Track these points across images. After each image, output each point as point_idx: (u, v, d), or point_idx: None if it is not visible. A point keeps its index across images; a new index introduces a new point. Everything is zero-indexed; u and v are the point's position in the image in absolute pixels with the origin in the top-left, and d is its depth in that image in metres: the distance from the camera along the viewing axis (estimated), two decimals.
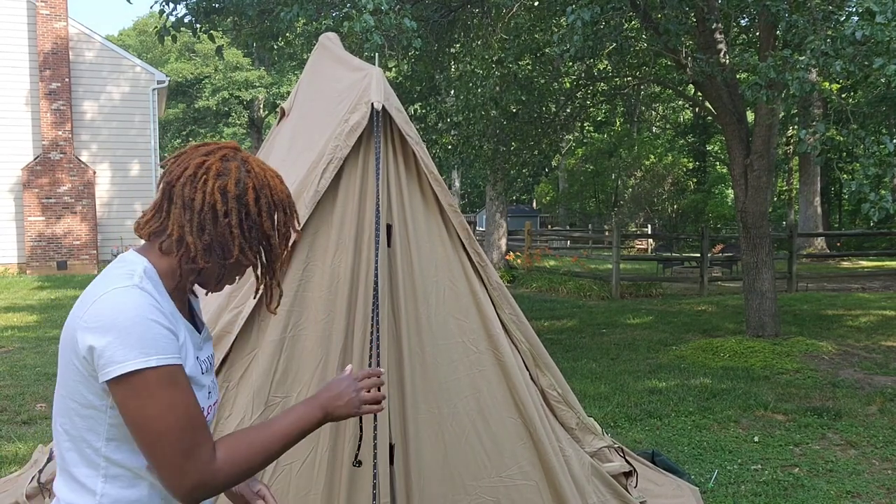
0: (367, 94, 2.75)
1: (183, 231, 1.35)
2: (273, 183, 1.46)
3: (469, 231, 3.01)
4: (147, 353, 1.24)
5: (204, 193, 1.36)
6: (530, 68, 9.04)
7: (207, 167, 1.38)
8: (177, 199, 1.37)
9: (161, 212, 1.39)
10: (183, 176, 1.38)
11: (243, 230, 1.39)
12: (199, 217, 1.35)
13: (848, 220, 29.41)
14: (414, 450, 2.76)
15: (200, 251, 1.36)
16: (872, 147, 5.29)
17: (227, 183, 1.38)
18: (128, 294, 1.28)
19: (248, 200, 1.39)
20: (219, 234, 1.36)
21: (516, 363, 3.03)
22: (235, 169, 1.40)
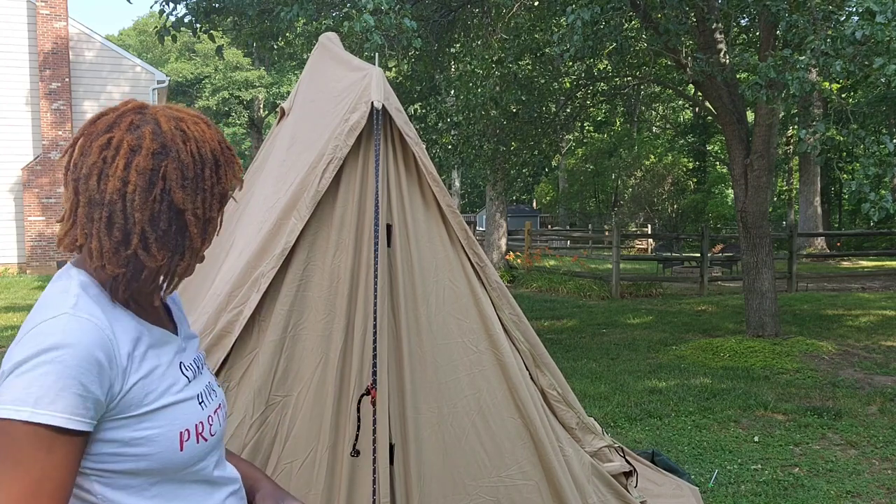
0: (367, 93, 2.75)
1: (88, 233, 1.08)
2: (198, 133, 1.14)
3: (468, 231, 3.01)
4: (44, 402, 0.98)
5: (116, 179, 1.07)
6: (530, 68, 9.04)
7: (116, 145, 1.09)
8: (82, 195, 1.08)
9: (73, 216, 1.10)
10: (86, 165, 1.09)
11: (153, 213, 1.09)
12: (108, 210, 1.07)
13: (848, 219, 29.42)
14: (414, 450, 2.76)
15: (108, 254, 1.08)
16: (872, 147, 5.29)
17: (138, 158, 1.08)
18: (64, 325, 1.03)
19: (168, 170, 1.09)
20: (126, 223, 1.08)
21: (516, 363, 3.03)
22: (149, 135, 1.10)
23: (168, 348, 1.21)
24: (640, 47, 9.15)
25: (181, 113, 1.16)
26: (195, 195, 1.12)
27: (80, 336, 1.03)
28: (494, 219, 16.81)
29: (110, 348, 1.06)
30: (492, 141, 9.24)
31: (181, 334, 1.29)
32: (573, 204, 33.52)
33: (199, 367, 1.30)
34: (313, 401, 2.66)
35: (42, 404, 0.98)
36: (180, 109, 1.18)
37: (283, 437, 2.63)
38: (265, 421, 2.61)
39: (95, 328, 1.06)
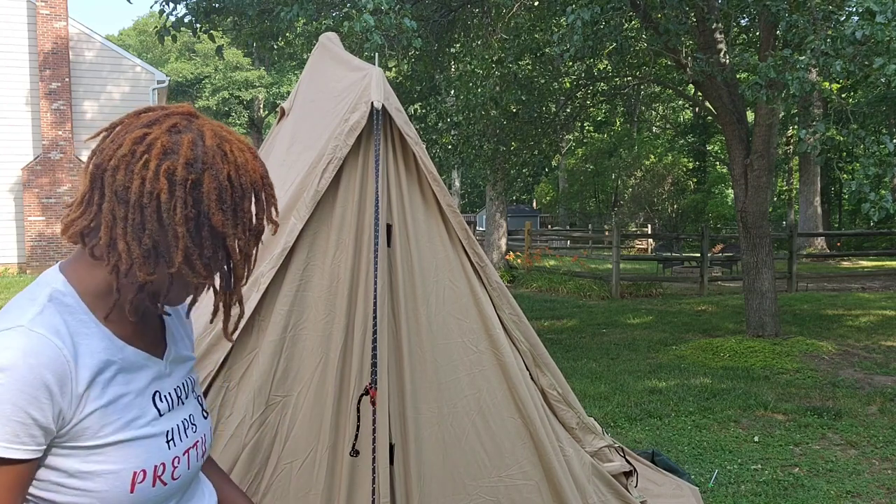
0: (367, 93, 2.75)
1: (113, 232, 1.00)
2: (237, 158, 1.05)
3: (468, 231, 3.01)
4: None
5: (143, 179, 0.99)
6: (530, 68, 9.04)
7: (150, 142, 1.01)
8: (107, 188, 1.00)
9: (91, 205, 1.02)
10: (116, 156, 1.01)
11: (191, 228, 1.00)
12: (136, 212, 0.99)
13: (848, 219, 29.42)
14: (414, 450, 2.76)
15: (139, 260, 0.99)
16: (872, 147, 5.29)
17: (175, 164, 1.00)
18: (15, 341, 0.93)
19: (204, 187, 1.01)
20: (162, 235, 1.00)
21: (516, 363, 3.03)
22: (188, 143, 1.02)
23: (143, 374, 1.08)
24: (640, 47, 9.15)
25: (230, 135, 1.08)
26: (235, 223, 1.04)
27: (29, 356, 0.92)
28: (494, 219, 16.81)
29: (65, 371, 0.96)
30: (492, 141, 9.24)
31: (169, 356, 1.16)
32: (573, 204, 33.52)
33: (184, 395, 1.16)
34: (313, 401, 2.66)
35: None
36: (229, 131, 1.10)
37: (283, 437, 2.63)
38: (265, 421, 2.61)
39: (49, 346, 0.95)
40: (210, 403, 2.64)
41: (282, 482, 2.62)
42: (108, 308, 1.04)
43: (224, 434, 2.57)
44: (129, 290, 1.03)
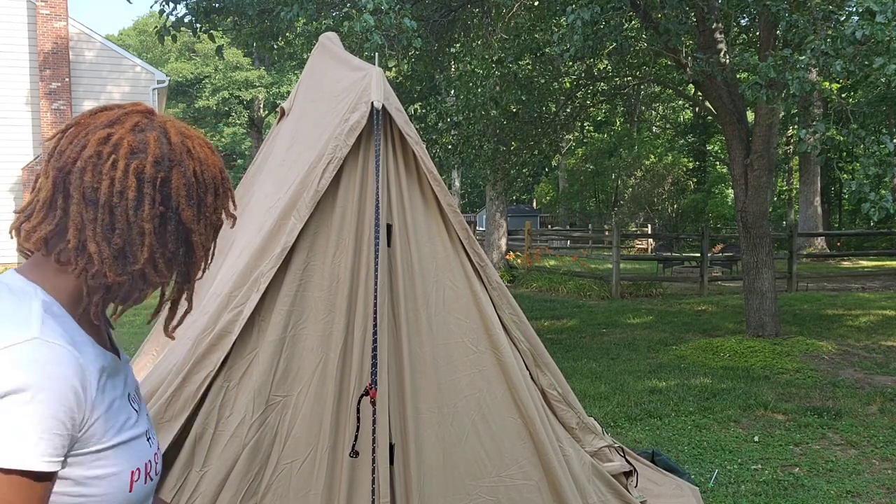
0: (367, 93, 2.75)
1: (83, 234, 0.98)
2: (201, 152, 1.07)
3: (469, 231, 3.01)
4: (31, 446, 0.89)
5: (112, 179, 0.98)
6: (530, 68, 9.04)
7: (116, 142, 1.01)
8: (74, 190, 0.98)
9: (53, 209, 1.00)
10: (81, 158, 0.99)
11: (156, 226, 1.01)
12: (105, 213, 0.99)
13: (848, 219, 29.42)
14: (414, 450, 2.76)
15: (108, 260, 0.99)
16: (872, 147, 5.28)
17: (143, 162, 1.00)
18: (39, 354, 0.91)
19: (173, 183, 1.02)
20: (131, 233, 1.00)
21: (516, 363, 3.02)
22: (155, 142, 1.03)
23: (119, 377, 1.08)
24: (640, 47, 9.14)
25: (189, 131, 1.09)
26: (199, 218, 1.06)
27: (57, 367, 0.92)
28: (494, 218, 16.81)
29: (84, 379, 0.95)
30: (492, 141, 9.23)
31: (124, 357, 1.15)
32: (573, 204, 33.53)
33: (139, 397, 1.16)
34: (313, 401, 2.66)
35: (23, 449, 0.88)
36: (187, 127, 1.10)
37: (283, 437, 2.63)
38: (265, 421, 2.61)
39: (70, 356, 0.94)
40: (210, 403, 2.64)
41: (282, 482, 2.62)
42: (78, 314, 1.02)
43: (224, 434, 2.57)
44: (96, 292, 1.02)
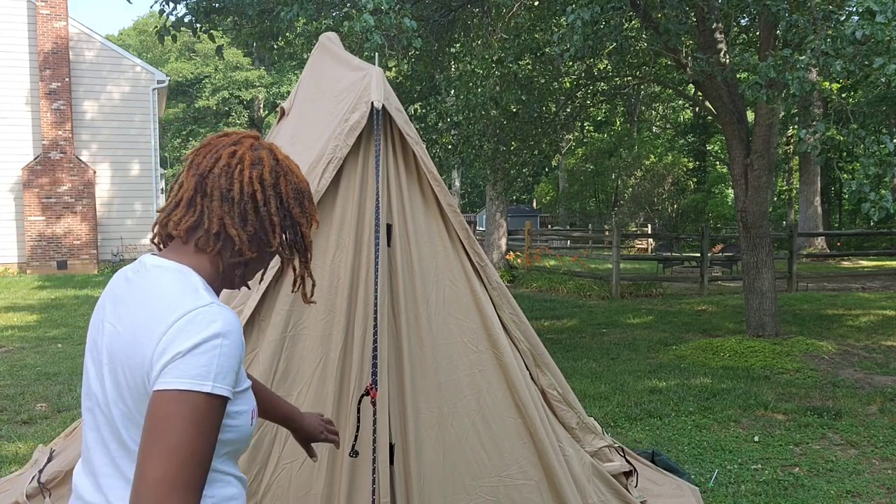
0: (367, 93, 2.75)
1: (223, 223, 1.33)
2: (296, 170, 1.46)
3: (469, 231, 3.01)
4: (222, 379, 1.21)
5: (241, 183, 1.34)
6: (530, 68, 9.04)
7: (241, 156, 1.37)
8: (212, 190, 1.34)
9: (194, 205, 1.34)
10: (216, 167, 1.35)
11: (281, 218, 1.39)
12: (240, 207, 1.34)
13: (848, 219, 29.42)
14: (414, 450, 2.76)
15: (245, 242, 1.35)
16: (872, 147, 5.28)
17: (262, 171, 1.37)
18: (222, 313, 1.25)
19: (282, 188, 1.39)
20: (260, 224, 1.36)
21: (516, 363, 3.02)
22: (267, 157, 1.40)
23: None
24: (640, 47, 9.14)
25: (284, 153, 1.47)
26: (303, 214, 1.44)
27: (234, 324, 1.26)
28: (494, 218, 16.81)
29: (243, 335, 1.30)
30: (492, 141, 9.23)
31: None
32: (573, 204, 33.53)
33: None
34: (313, 401, 2.66)
35: (218, 380, 1.21)
36: (281, 150, 1.47)
37: (283, 437, 2.63)
38: (265, 421, 2.61)
39: (236, 317, 1.28)
40: None
41: (282, 482, 2.62)
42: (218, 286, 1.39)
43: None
44: (232, 268, 1.39)
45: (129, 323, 1.28)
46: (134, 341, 1.26)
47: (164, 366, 1.19)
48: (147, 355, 1.22)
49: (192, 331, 1.21)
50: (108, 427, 1.30)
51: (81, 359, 7.35)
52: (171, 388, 1.18)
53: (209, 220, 1.33)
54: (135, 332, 1.26)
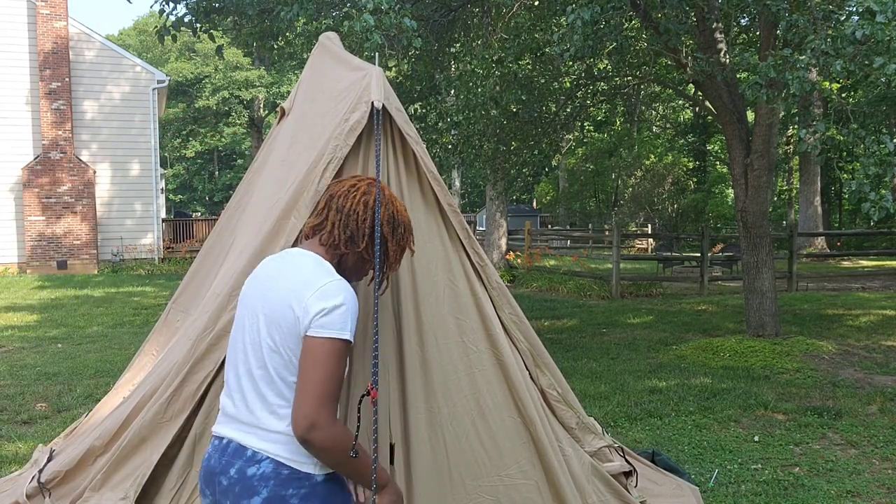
0: (367, 93, 2.74)
1: (333, 225, 2.04)
2: (399, 207, 2.15)
3: (469, 231, 3.01)
4: (350, 330, 1.85)
5: (352, 202, 2.05)
6: (530, 68, 9.04)
7: (358, 188, 2.09)
8: (333, 205, 2.07)
9: (322, 214, 2.07)
10: (341, 191, 2.09)
11: (370, 231, 2.04)
12: (345, 217, 2.04)
13: (848, 219, 29.43)
14: (414, 449, 2.76)
15: (343, 241, 2.03)
16: (872, 146, 5.28)
17: (368, 199, 2.07)
18: (345, 285, 1.90)
19: (380, 212, 2.06)
20: (357, 230, 2.03)
21: (516, 363, 3.02)
22: (374, 192, 2.09)
23: None
24: (640, 47, 9.14)
25: (393, 194, 2.19)
26: (392, 236, 2.11)
27: (353, 293, 1.91)
28: (494, 218, 16.81)
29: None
30: (492, 141, 9.23)
31: None
32: (573, 204, 33.53)
33: None
34: None
35: (348, 330, 1.85)
36: (394, 194, 2.18)
37: None
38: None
39: (352, 290, 1.92)
40: (210, 403, 2.64)
41: None
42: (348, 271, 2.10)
43: None
44: (334, 258, 2.04)
45: (283, 288, 1.90)
46: (286, 301, 1.87)
47: (312, 319, 1.82)
48: (297, 310, 1.84)
49: (330, 296, 1.85)
50: (255, 358, 1.91)
51: (81, 359, 7.36)
52: (322, 335, 1.81)
53: (327, 223, 2.04)
54: (287, 295, 1.87)
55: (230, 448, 1.94)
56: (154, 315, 9.83)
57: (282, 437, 1.87)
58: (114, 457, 2.65)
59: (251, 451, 1.90)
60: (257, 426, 1.90)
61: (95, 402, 4.14)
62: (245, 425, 1.92)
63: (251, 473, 1.88)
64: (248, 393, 1.93)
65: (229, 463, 1.91)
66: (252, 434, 1.91)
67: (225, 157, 47.47)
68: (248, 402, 1.92)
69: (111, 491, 2.60)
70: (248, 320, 1.97)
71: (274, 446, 1.88)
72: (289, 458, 1.87)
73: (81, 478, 2.76)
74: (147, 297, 12.87)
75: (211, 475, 1.96)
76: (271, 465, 1.87)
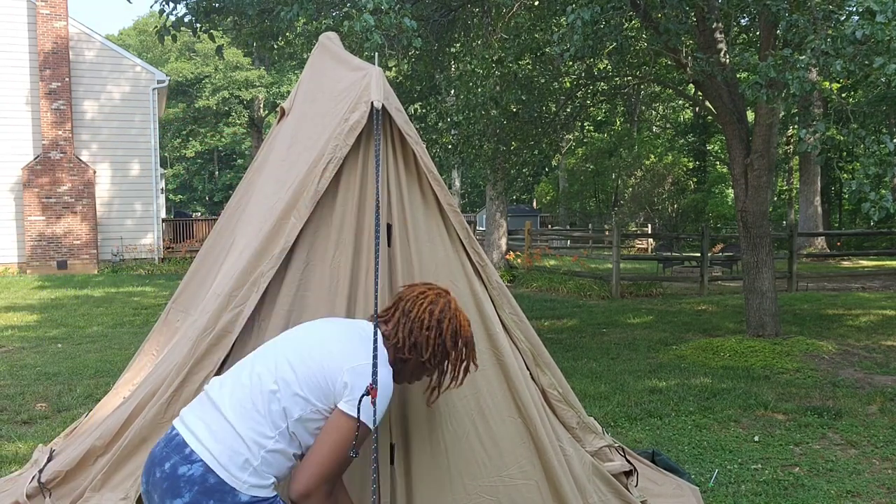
0: (367, 93, 2.74)
1: (398, 328, 2.14)
2: (464, 322, 2.22)
3: (469, 231, 3.01)
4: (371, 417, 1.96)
5: (419, 309, 2.15)
6: (530, 68, 9.04)
7: (427, 295, 2.19)
8: (401, 307, 2.17)
9: (390, 311, 2.21)
10: (411, 295, 2.20)
11: (434, 344, 2.12)
12: (411, 323, 2.13)
13: (848, 219, 29.43)
14: (414, 450, 2.76)
15: (406, 346, 2.12)
16: (872, 146, 5.28)
17: (435, 309, 2.16)
18: (387, 371, 2.04)
19: (444, 326, 2.14)
20: (420, 337, 2.13)
21: (516, 362, 3.02)
22: (444, 303, 2.18)
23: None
24: (640, 47, 9.14)
25: (461, 308, 2.25)
26: (454, 349, 2.19)
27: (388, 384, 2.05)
28: (494, 218, 16.81)
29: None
30: (492, 140, 9.23)
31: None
32: (573, 204, 33.52)
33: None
34: None
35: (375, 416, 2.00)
36: (460, 307, 2.25)
37: None
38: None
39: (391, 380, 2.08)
40: None
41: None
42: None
43: None
44: (398, 361, 2.15)
45: (334, 346, 2.05)
46: (331, 358, 2.01)
47: (343, 390, 1.97)
48: (336, 374, 1.99)
49: (365, 376, 1.98)
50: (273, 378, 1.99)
51: (81, 359, 7.36)
52: (346, 411, 1.97)
53: (392, 322, 2.16)
54: (334, 353, 2.02)
55: (174, 441, 1.96)
56: (154, 315, 9.83)
57: (230, 438, 1.91)
58: (114, 457, 2.65)
59: (189, 449, 1.92)
60: (214, 421, 1.94)
61: (95, 402, 4.13)
62: (203, 418, 1.97)
63: (181, 473, 1.89)
64: (238, 393, 1.99)
65: (167, 456, 1.94)
66: (202, 428, 1.95)
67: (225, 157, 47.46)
68: (229, 399, 1.98)
69: (112, 491, 2.60)
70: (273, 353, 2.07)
71: (216, 445, 1.91)
72: (222, 465, 1.89)
73: (82, 478, 2.76)
74: (147, 297, 12.87)
75: (151, 464, 1.98)
76: (201, 470, 1.88)
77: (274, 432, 1.96)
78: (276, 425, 1.96)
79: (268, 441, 1.95)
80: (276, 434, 1.96)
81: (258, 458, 1.93)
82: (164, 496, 1.91)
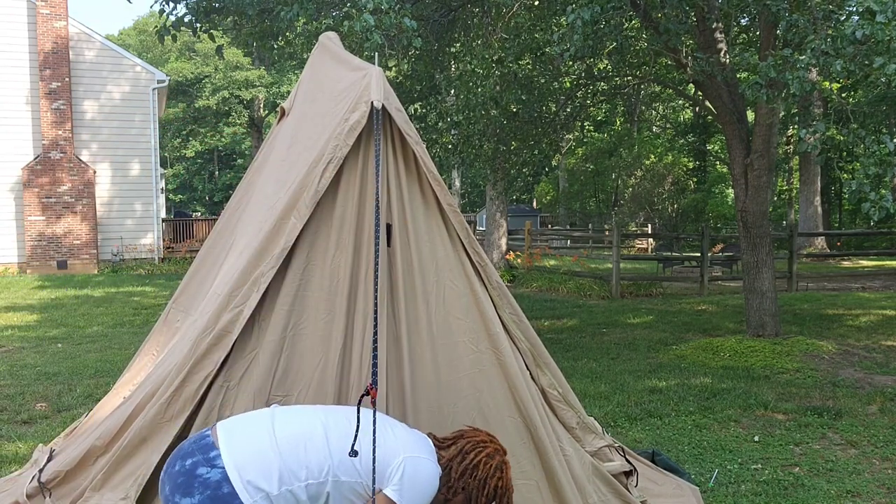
0: (367, 93, 2.75)
1: (450, 467, 2.24)
2: (508, 487, 2.31)
3: (469, 231, 3.01)
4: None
5: (468, 462, 2.24)
6: (530, 68, 9.04)
7: (484, 447, 2.29)
8: (455, 450, 2.27)
9: (446, 446, 2.30)
10: (468, 444, 2.29)
11: (477, 497, 2.22)
12: (461, 468, 2.23)
13: (848, 219, 29.42)
14: None
15: (453, 491, 2.22)
16: (872, 146, 5.28)
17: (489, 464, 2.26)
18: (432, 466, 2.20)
19: (490, 483, 2.23)
20: (472, 483, 2.22)
21: (516, 362, 3.02)
22: (498, 462, 2.28)
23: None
24: (641, 47, 9.14)
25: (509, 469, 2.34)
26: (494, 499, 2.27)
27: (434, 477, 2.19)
28: (494, 218, 16.81)
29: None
30: (492, 140, 9.23)
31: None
32: (573, 203, 33.52)
33: None
34: (313, 401, 2.66)
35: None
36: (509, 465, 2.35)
37: None
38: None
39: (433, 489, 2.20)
40: (210, 403, 2.64)
41: None
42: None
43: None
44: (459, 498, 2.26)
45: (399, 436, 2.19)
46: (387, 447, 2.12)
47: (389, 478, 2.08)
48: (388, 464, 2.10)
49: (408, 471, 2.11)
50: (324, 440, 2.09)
51: (81, 359, 7.35)
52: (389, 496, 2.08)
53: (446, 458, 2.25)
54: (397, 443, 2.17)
55: (204, 440, 1.96)
56: (154, 315, 9.83)
57: (268, 461, 1.94)
58: (114, 457, 2.65)
59: (216, 452, 1.92)
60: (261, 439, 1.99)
61: (95, 402, 4.14)
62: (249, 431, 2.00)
63: (199, 473, 1.89)
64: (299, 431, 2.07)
65: (192, 453, 1.94)
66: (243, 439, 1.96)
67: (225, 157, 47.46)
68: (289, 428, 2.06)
69: (112, 491, 2.60)
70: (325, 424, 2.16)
71: (248, 459, 1.94)
72: (243, 479, 1.91)
73: (82, 478, 2.76)
74: (147, 297, 12.87)
75: (176, 455, 1.98)
76: (219, 476, 1.89)
77: (305, 480, 1.99)
78: (313, 476, 2.00)
79: (295, 482, 1.97)
80: (307, 483, 1.99)
81: (278, 490, 1.94)
82: (175, 490, 1.91)
